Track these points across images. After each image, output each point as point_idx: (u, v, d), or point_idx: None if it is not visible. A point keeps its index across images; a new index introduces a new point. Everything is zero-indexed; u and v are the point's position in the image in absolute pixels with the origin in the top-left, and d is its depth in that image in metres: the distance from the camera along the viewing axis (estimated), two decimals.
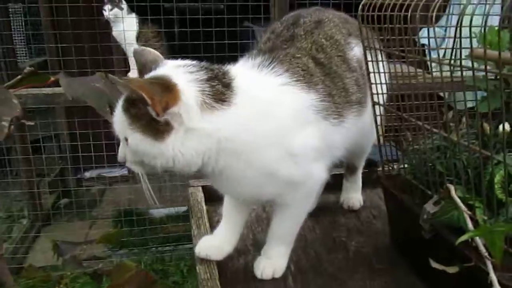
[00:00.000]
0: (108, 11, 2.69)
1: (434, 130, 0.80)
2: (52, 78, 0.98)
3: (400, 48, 0.94)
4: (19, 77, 0.97)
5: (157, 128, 0.79)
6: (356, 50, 1.03)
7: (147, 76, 0.85)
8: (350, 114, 0.95)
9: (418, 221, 0.80)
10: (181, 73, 0.82)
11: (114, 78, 0.83)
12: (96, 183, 4.15)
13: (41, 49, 4.11)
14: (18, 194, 3.54)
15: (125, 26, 2.73)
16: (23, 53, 4.58)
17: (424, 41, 0.98)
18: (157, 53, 0.93)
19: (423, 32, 1.00)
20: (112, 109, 0.99)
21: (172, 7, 2.84)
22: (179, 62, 0.87)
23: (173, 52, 2.89)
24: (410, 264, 0.97)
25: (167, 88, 0.78)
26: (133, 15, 2.78)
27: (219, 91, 0.82)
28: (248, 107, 0.83)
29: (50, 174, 3.96)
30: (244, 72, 0.89)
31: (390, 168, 0.99)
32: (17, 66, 3.38)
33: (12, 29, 3.71)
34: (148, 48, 0.96)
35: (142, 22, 2.79)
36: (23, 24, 4.18)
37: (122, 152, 0.86)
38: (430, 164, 0.82)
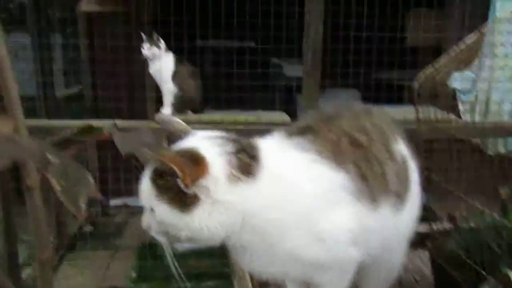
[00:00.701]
0: (146, 49, 2.77)
1: (490, 212, 0.79)
2: (105, 134, 1.00)
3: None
4: (74, 131, 1.00)
5: (184, 200, 0.80)
6: (401, 147, 1.00)
7: (176, 146, 0.87)
8: (386, 203, 0.92)
9: None
10: (210, 145, 0.83)
11: (148, 153, 0.85)
12: (121, 212, 4.18)
13: (77, 80, 4.23)
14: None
15: (162, 64, 2.80)
16: (60, 84, 4.71)
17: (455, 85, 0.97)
18: (184, 124, 0.96)
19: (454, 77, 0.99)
20: None
21: (207, 46, 2.90)
22: (208, 133, 0.89)
23: (206, 90, 2.95)
24: None
25: (196, 161, 0.80)
26: (170, 53, 2.85)
27: (246, 164, 0.83)
28: (273, 182, 0.83)
29: None
30: (272, 146, 0.90)
31: (441, 240, 0.97)
32: (54, 97, 3.49)
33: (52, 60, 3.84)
34: (176, 118, 1.00)
35: (178, 61, 2.86)
36: (62, 55, 4.32)
37: (147, 220, 0.86)
38: (485, 243, 0.80)
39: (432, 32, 3.03)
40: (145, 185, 0.84)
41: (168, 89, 2.87)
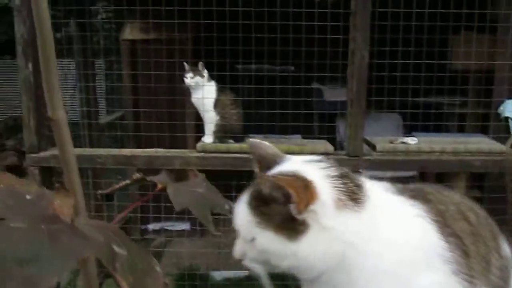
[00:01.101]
0: (189, 79, 2.77)
1: None
2: (160, 186, 0.96)
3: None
4: (126, 182, 0.97)
5: (292, 227, 0.76)
6: (506, 247, 0.91)
7: (274, 171, 0.83)
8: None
9: None
10: (313, 169, 0.81)
11: (261, 175, 0.81)
12: (158, 236, 4.19)
13: (119, 105, 4.32)
14: None
15: (204, 93, 2.80)
16: (102, 106, 4.83)
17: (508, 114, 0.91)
18: (275, 148, 0.92)
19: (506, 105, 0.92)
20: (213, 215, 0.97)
21: (249, 73, 2.88)
22: (305, 157, 0.86)
23: (248, 119, 2.92)
24: None
25: (305, 185, 0.77)
26: (213, 82, 2.85)
27: (352, 190, 0.79)
28: (378, 218, 0.79)
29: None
30: (375, 185, 0.85)
31: None
32: (98, 123, 3.55)
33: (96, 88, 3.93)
34: (265, 142, 0.95)
35: (220, 90, 2.85)
36: (105, 83, 4.44)
37: (240, 249, 0.82)
38: None
39: (482, 58, 2.90)
40: (243, 212, 0.81)
41: (210, 118, 2.85)
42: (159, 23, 3.16)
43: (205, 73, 2.80)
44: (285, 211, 0.76)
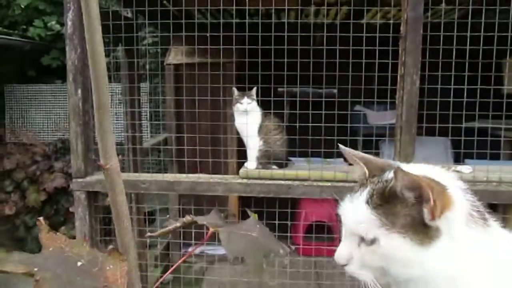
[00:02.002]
0: (246, 104, 2.75)
1: None
2: (211, 230, 0.90)
3: None
4: (177, 225, 0.92)
5: (424, 232, 0.71)
6: None
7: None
8: None
9: None
10: (446, 177, 0.77)
11: (400, 169, 0.74)
12: (197, 260, 4.16)
13: (161, 130, 4.37)
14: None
15: (249, 118, 2.77)
16: (145, 129, 4.91)
17: None
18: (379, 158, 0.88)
19: None
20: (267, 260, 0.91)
21: (295, 101, 2.84)
22: (422, 166, 0.81)
23: (292, 145, 2.86)
24: None
25: (443, 189, 0.73)
26: (258, 108, 2.82)
27: (479, 209, 0.76)
28: (499, 241, 0.75)
29: (157, 247, 4.06)
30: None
31: None
32: (142, 148, 3.58)
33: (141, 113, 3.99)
34: (373, 157, 0.91)
35: (264, 115, 2.81)
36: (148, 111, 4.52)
37: (347, 252, 0.76)
38: None
39: None
40: (361, 210, 0.75)
41: (254, 143, 2.81)
42: (203, 47, 3.19)
43: (255, 97, 2.79)
44: (415, 213, 0.71)
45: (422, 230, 0.71)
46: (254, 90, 2.78)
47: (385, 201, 0.73)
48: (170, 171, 3.84)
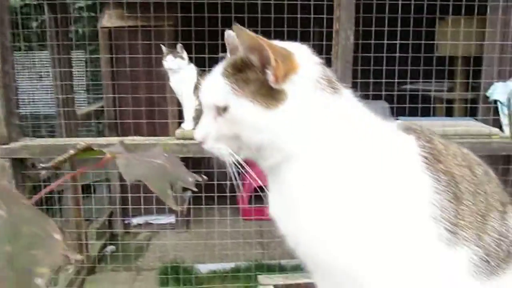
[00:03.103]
0: (170, 61, 2.64)
1: None
2: (109, 155, 0.85)
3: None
4: (70, 152, 0.85)
5: (271, 96, 0.73)
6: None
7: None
8: (471, 247, 0.71)
9: None
10: (299, 48, 0.79)
11: (239, 28, 0.74)
12: (142, 230, 4.09)
13: (99, 96, 4.19)
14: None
15: (184, 77, 2.67)
16: (83, 100, 4.69)
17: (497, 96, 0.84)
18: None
19: (495, 88, 0.86)
20: (173, 190, 0.87)
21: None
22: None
23: None
24: None
25: (287, 54, 0.74)
26: (192, 66, 2.72)
27: (330, 79, 0.77)
28: (345, 119, 0.75)
29: (97, 221, 3.94)
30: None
31: None
32: (75, 114, 3.41)
33: (73, 78, 3.79)
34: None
35: (200, 74, 2.72)
36: (85, 72, 4.30)
37: (205, 128, 0.76)
38: None
39: (470, 41, 2.81)
40: (214, 82, 0.77)
41: (189, 103, 2.72)
42: (137, 9, 3.03)
43: (185, 55, 2.68)
44: (262, 78, 0.73)
45: (269, 94, 0.72)
46: (179, 47, 2.66)
47: (237, 70, 0.75)
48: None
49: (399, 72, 2.78)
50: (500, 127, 2.73)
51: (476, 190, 0.75)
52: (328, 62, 2.59)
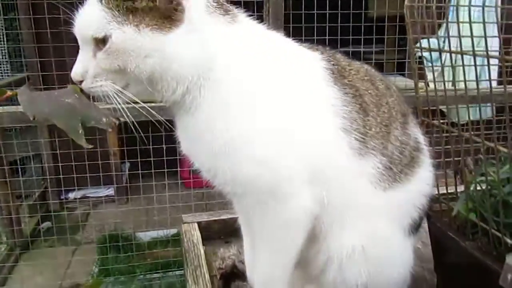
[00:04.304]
0: None
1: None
2: (9, 93, 0.78)
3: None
4: None
5: (163, 20, 0.67)
6: (418, 133, 0.82)
7: None
8: (377, 156, 0.73)
9: (488, 277, 0.60)
10: None
11: None
12: (79, 205, 3.95)
13: (23, 65, 3.91)
14: None
15: None
16: (5, 69, 4.36)
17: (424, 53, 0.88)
18: None
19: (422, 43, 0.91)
20: (85, 130, 0.82)
21: None
22: None
23: None
24: None
25: None
26: None
27: (223, 5, 0.73)
28: (246, 38, 0.73)
29: (31, 197, 3.74)
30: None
31: (446, 204, 0.79)
32: None
33: None
34: None
35: None
36: (5, 39, 3.98)
37: (84, 63, 0.70)
38: (503, 200, 0.62)
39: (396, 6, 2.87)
40: (92, 12, 0.68)
41: None
42: None
43: None
44: (151, 4, 0.67)
45: (159, 17, 0.67)
46: None
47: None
48: None
49: (331, 31, 2.80)
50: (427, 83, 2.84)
51: (379, 102, 0.76)
52: (260, 19, 2.58)
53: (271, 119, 0.69)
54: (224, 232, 1.00)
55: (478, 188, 0.67)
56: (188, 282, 0.80)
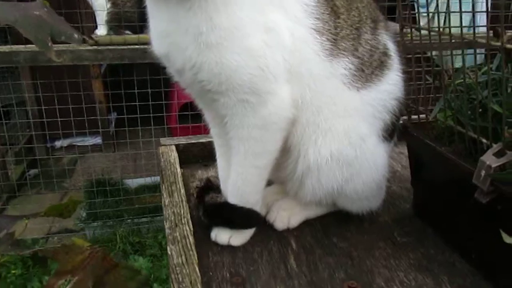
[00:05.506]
0: None
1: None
2: None
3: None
4: None
5: None
6: (386, 39, 0.80)
7: None
8: (349, 57, 0.73)
9: (464, 181, 0.59)
10: None
11: None
12: (67, 153, 3.92)
13: None
14: None
15: None
16: None
17: None
18: None
19: None
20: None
21: None
22: None
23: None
24: (443, 237, 0.77)
25: None
26: None
27: None
28: None
29: (17, 144, 3.69)
30: None
31: (422, 113, 0.77)
32: None
33: None
34: None
35: None
36: None
37: None
38: (481, 103, 0.61)
39: None
40: None
41: (100, 5, 2.51)
42: None
43: None
44: None
45: None
46: None
47: None
48: None
49: None
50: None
51: (349, 7, 0.76)
52: None
53: (265, 16, 0.68)
54: (202, 156, 0.98)
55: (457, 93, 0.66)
56: (163, 195, 0.79)
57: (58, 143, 3.96)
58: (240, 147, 0.73)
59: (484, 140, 0.59)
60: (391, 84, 0.77)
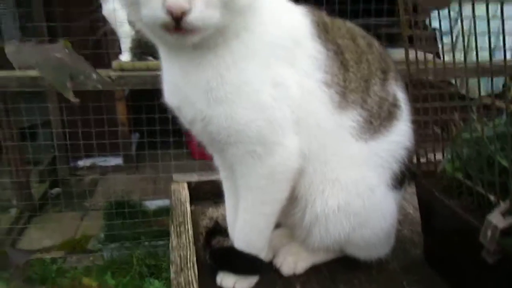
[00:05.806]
0: None
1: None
2: None
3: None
4: None
5: None
6: (398, 90, 0.81)
7: None
8: (357, 109, 0.74)
9: (472, 236, 0.58)
10: None
11: None
12: (89, 172, 3.99)
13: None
14: (7, 183, 3.36)
15: (116, 5, 2.50)
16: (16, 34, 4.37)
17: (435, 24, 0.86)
18: None
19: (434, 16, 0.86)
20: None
21: None
22: None
23: None
24: (452, 287, 0.75)
25: None
26: None
27: None
28: None
29: (41, 163, 3.79)
30: None
31: (431, 162, 0.77)
32: None
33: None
34: None
35: None
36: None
37: None
38: (489, 158, 0.60)
39: None
40: None
41: (124, 32, 2.57)
42: None
43: None
44: None
45: None
46: None
47: None
48: None
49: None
50: (437, 54, 2.77)
51: (359, 59, 0.77)
52: None
53: (273, 71, 0.70)
54: (213, 193, 0.99)
55: (465, 146, 0.65)
56: (171, 236, 0.80)
57: (81, 163, 4.04)
58: (247, 195, 0.74)
59: (492, 198, 0.58)
60: (399, 134, 0.77)
